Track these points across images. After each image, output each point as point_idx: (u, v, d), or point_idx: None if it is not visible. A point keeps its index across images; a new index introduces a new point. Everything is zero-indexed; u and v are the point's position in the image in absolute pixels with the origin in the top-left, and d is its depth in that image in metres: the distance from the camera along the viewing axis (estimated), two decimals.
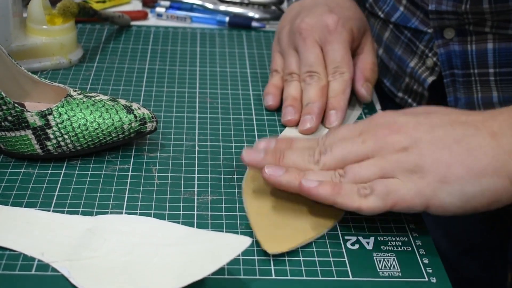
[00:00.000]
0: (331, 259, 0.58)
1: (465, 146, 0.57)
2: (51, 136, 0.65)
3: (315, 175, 0.60)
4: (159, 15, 1.01)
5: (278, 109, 0.78)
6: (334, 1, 0.82)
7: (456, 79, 0.79)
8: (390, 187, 0.57)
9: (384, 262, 0.58)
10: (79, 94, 0.68)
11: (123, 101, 0.69)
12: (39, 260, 0.55)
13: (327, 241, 0.60)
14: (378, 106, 0.82)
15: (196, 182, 0.66)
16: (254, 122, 0.76)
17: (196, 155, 0.70)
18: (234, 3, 1.02)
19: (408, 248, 0.60)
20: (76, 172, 0.66)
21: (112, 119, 0.66)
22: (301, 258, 0.57)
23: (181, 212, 0.62)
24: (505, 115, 0.58)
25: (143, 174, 0.66)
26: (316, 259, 0.58)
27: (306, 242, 0.59)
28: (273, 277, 0.55)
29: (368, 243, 0.60)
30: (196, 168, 0.68)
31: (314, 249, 0.59)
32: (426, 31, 0.82)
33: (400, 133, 0.59)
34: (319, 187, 0.58)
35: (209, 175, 0.67)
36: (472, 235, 0.90)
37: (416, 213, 0.59)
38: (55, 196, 0.62)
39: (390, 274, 0.57)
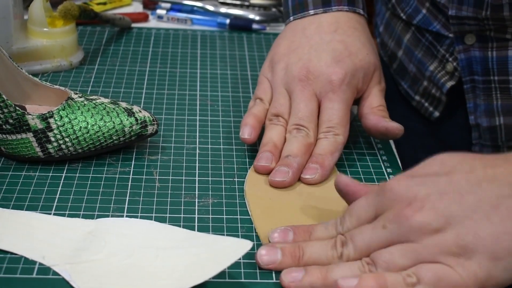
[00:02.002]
0: None
1: (505, 211, 0.50)
2: (52, 139, 0.65)
3: (340, 270, 0.52)
4: (159, 17, 1.01)
5: None
6: (343, 34, 0.73)
7: (476, 85, 0.78)
8: (439, 273, 0.50)
9: None
10: (80, 97, 0.68)
11: (124, 104, 0.69)
12: (40, 264, 0.55)
13: None
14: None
15: (197, 185, 0.66)
16: None
17: (197, 158, 0.70)
18: (235, 5, 1.02)
19: None
20: (77, 175, 0.66)
21: (113, 122, 0.66)
22: None
23: (182, 215, 0.62)
24: None
25: (144, 177, 0.66)
26: None
27: None
28: (274, 280, 0.55)
29: None
30: (197, 171, 0.68)
31: None
32: (448, 36, 0.81)
33: (425, 211, 0.51)
34: (362, 284, 0.50)
35: (210, 178, 0.67)
36: None
37: None
38: (56, 199, 0.62)
39: None
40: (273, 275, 0.56)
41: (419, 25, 0.84)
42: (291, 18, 0.78)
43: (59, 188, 0.64)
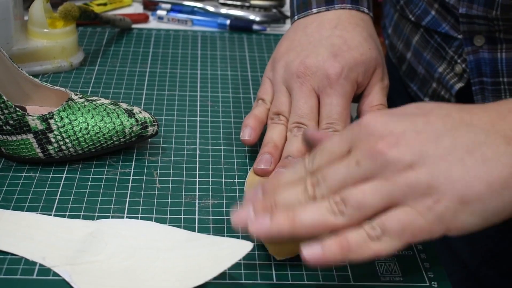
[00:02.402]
0: None
1: (480, 157, 0.50)
2: (53, 140, 0.65)
3: (308, 212, 0.51)
4: (160, 18, 1.01)
5: None
6: (343, 29, 0.73)
7: (485, 87, 0.78)
8: (404, 222, 0.50)
9: (385, 266, 0.58)
10: (81, 98, 0.68)
11: (124, 105, 0.69)
12: (40, 265, 0.55)
13: None
14: None
15: (197, 186, 0.66)
16: None
17: (197, 159, 0.70)
18: (235, 6, 1.02)
19: (410, 252, 0.60)
20: (78, 176, 0.66)
21: (113, 123, 0.66)
22: (303, 262, 0.57)
23: (182, 216, 0.62)
24: None
25: (144, 178, 0.66)
26: None
27: None
28: (275, 281, 0.56)
29: None
30: (197, 172, 0.68)
31: None
32: (456, 37, 0.80)
33: (400, 146, 0.50)
34: (325, 252, 0.49)
35: (210, 179, 0.67)
36: (492, 244, 0.89)
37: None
38: (57, 200, 0.62)
39: (391, 279, 0.57)
40: (274, 276, 0.56)
41: (428, 26, 0.84)
42: (296, 17, 0.77)
43: (60, 189, 0.64)
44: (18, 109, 0.64)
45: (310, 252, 0.50)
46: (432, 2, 0.83)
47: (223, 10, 1.01)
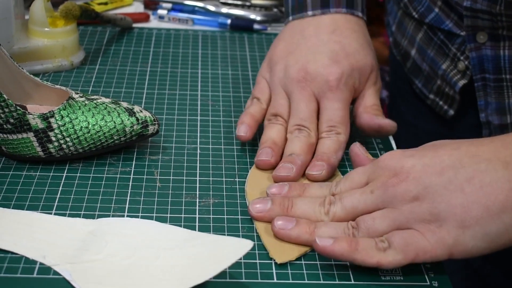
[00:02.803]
0: (333, 262, 0.58)
1: (478, 183, 0.54)
2: (53, 138, 0.65)
3: (326, 228, 0.58)
4: (161, 18, 1.01)
5: None
6: (341, 35, 0.74)
7: (488, 83, 0.78)
8: (408, 239, 0.55)
9: None
10: (81, 97, 0.68)
11: (125, 104, 0.69)
12: (40, 263, 0.55)
13: None
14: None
15: (198, 185, 0.66)
16: None
17: (198, 158, 0.70)
18: (236, 6, 1.02)
19: None
20: (78, 174, 0.66)
21: (114, 122, 0.66)
22: (303, 262, 0.57)
23: (182, 215, 0.62)
24: None
25: (144, 177, 0.66)
26: (318, 262, 0.58)
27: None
28: (275, 280, 0.55)
29: None
30: (198, 171, 0.68)
31: (316, 253, 0.58)
32: (459, 34, 0.81)
33: (408, 181, 0.56)
34: (335, 245, 0.55)
35: (211, 178, 0.67)
36: None
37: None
38: (57, 199, 0.62)
39: (391, 278, 0.57)
40: (274, 275, 0.56)
41: (432, 23, 0.85)
42: (290, 18, 0.78)
43: (60, 188, 0.64)
44: (18, 108, 0.64)
45: (323, 241, 0.55)
46: (435, 0, 0.83)
47: (224, 10, 1.01)
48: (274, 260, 0.57)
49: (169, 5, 1.02)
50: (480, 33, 0.77)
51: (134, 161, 0.68)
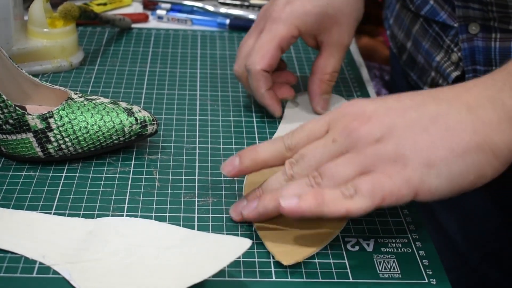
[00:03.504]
0: (331, 261, 0.58)
1: (443, 125, 0.54)
2: (52, 139, 0.65)
3: (289, 187, 0.56)
4: (160, 18, 1.01)
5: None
6: None
7: (478, 75, 0.78)
8: (375, 183, 0.54)
9: (384, 263, 0.58)
10: (80, 97, 0.68)
11: (123, 104, 0.69)
12: (40, 263, 0.55)
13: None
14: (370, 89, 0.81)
15: (196, 184, 0.66)
16: (255, 125, 0.76)
17: (197, 158, 0.70)
18: (235, 6, 1.02)
19: (408, 249, 0.60)
20: (77, 174, 0.66)
21: (113, 122, 0.67)
22: (301, 260, 0.58)
23: (181, 215, 0.62)
24: (480, 87, 0.56)
25: (144, 176, 0.66)
26: (317, 261, 0.58)
27: (320, 248, 0.58)
28: (274, 279, 0.56)
29: (368, 245, 0.60)
30: (196, 171, 0.68)
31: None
32: (453, 26, 0.81)
33: (371, 123, 0.55)
34: (301, 203, 0.54)
35: (209, 178, 0.67)
36: (492, 240, 0.90)
37: (405, 203, 0.55)
38: (56, 199, 0.63)
39: (390, 276, 0.57)
40: (273, 274, 0.56)
41: (427, 16, 0.85)
42: None
43: (59, 188, 0.64)
44: (18, 108, 0.64)
45: (287, 202, 0.54)
46: None
47: (223, 10, 1.01)
48: (272, 256, 0.57)
49: (168, 6, 1.02)
50: (472, 24, 0.77)
51: (133, 161, 0.69)
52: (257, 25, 0.77)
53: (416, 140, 0.54)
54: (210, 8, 1.01)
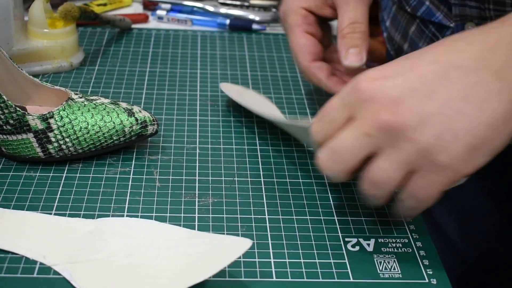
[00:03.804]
0: (332, 260, 0.58)
1: (475, 101, 0.50)
2: (53, 139, 0.65)
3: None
4: (160, 18, 1.01)
5: (281, 109, 0.78)
6: None
7: None
8: (428, 186, 0.53)
9: (384, 263, 0.58)
10: (80, 98, 0.68)
11: (124, 104, 0.69)
12: (41, 263, 0.55)
13: (327, 243, 0.60)
14: None
15: (197, 184, 0.66)
16: (255, 125, 0.76)
17: (197, 158, 0.70)
18: (235, 6, 1.02)
19: (409, 249, 0.60)
20: (78, 175, 0.66)
21: (113, 122, 0.67)
22: (302, 260, 0.58)
23: (182, 215, 0.62)
24: (503, 44, 0.52)
25: (144, 177, 0.67)
26: (317, 261, 0.58)
27: None
28: (274, 279, 0.56)
29: (368, 244, 0.60)
30: (197, 171, 0.68)
31: (315, 251, 0.59)
32: (449, 26, 0.81)
33: (402, 112, 0.51)
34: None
35: (210, 178, 0.67)
36: (490, 239, 0.90)
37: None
38: (57, 199, 0.63)
39: (390, 276, 0.57)
40: (273, 273, 0.56)
41: (423, 16, 0.85)
42: None
43: (60, 188, 0.64)
44: (18, 108, 0.65)
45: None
46: None
47: (223, 10, 1.01)
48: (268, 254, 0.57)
49: (168, 6, 1.02)
50: (469, 24, 0.77)
51: (133, 161, 0.69)
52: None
53: (453, 126, 0.51)
54: (210, 8, 1.01)
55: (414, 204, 0.54)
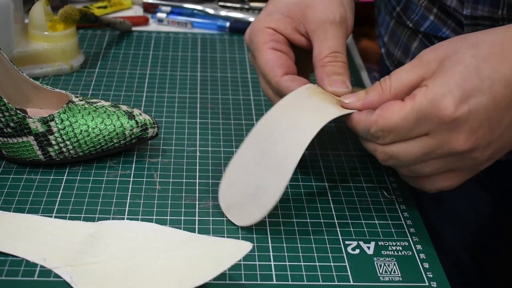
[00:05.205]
0: (332, 264, 0.58)
1: None
2: (53, 142, 0.66)
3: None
4: (160, 21, 1.01)
5: None
6: None
7: None
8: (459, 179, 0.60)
9: (384, 266, 0.58)
10: (81, 100, 0.68)
11: (124, 107, 0.69)
12: (41, 266, 0.56)
13: (327, 246, 0.60)
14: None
15: (197, 187, 0.66)
16: None
17: (197, 161, 0.70)
18: (235, 8, 1.02)
19: (409, 252, 0.60)
20: (78, 178, 0.66)
21: (114, 125, 0.67)
22: (302, 263, 0.58)
23: (182, 218, 0.62)
24: None
25: (144, 179, 0.67)
26: (317, 264, 0.58)
27: None
28: (274, 282, 0.56)
29: (368, 247, 0.60)
30: (197, 174, 0.68)
31: (315, 254, 0.59)
32: None
33: (476, 140, 0.56)
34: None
35: (210, 181, 0.67)
36: (484, 237, 0.90)
37: None
38: (57, 202, 0.63)
39: (390, 279, 0.57)
40: (273, 276, 0.56)
41: (427, 32, 0.83)
42: None
43: (60, 191, 0.64)
44: (18, 111, 0.65)
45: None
46: (430, 7, 0.82)
47: (223, 13, 1.01)
48: (273, 257, 0.57)
49: (168, 9, 1.02)
50: None
51: (133, 164, 0.69)
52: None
53: (506, 145, 0.58)
54: (210, 11, 1.01)
55: (433, 187, 0.60)
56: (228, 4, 1.02)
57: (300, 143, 0.58)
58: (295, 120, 0.60)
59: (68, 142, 0.66)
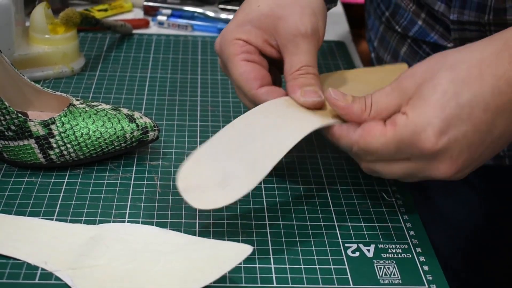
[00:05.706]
0: (332, 266, 0.58)
1: (505, 141, 0.58)
2: (54, 145, 0.66)
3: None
4: (160, 24, 1.01)
5: None
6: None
7: None
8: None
9: (384, 269, 0.58)
10: (82, 104, 0.68)
11: (125, 110, 0.69)
12: (42, 269, 0.56)
13: (328, 248, 0.60)
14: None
15: None
16: None
17: None
18: (235, 11, 1.02)
19: (409, 255, 0.60)
20: (79, 181, 0.66)
21: (114, 128, 0.67)
22: (302, 266, 0.58)
23: (183, 221, 0.62)
24: None
25: (145, 182, 0.67)
26: (317, 266, 0.58)
27: None
28: (275, 285, 0.56)
29: (368, 250, 0.60)
30: None
31: (315, 257, 0.59)
32: (446, 46, 0.79)
33: (457, 167, 0.57)
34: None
35: None
36: (475, 241, 0.90)
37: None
38: (58, 205, 0.63)
39: (390, 282, 0.57)
40: (274, 279, 0.56)
41: (416, 36, 0.83)
42: None
43: (61, 194, 0.64)
44: (19, 114, 0.65)
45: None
46: (418, 12, 0.82)
47: (223, 15, 1.01)
48: (273, 260, 0.58)
49: (169, 11, 1.02)
50: (468, 44, 0.76)
51: (134, 167, 0.69)
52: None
53: (481, 162, 0.58)
54: (211, 13, 1.01)
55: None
56: (229, 7, 1.02)
57: (283, 145, 0.59)
58: (278, 124, 0.61)
59: (69, 145, 0.66)
